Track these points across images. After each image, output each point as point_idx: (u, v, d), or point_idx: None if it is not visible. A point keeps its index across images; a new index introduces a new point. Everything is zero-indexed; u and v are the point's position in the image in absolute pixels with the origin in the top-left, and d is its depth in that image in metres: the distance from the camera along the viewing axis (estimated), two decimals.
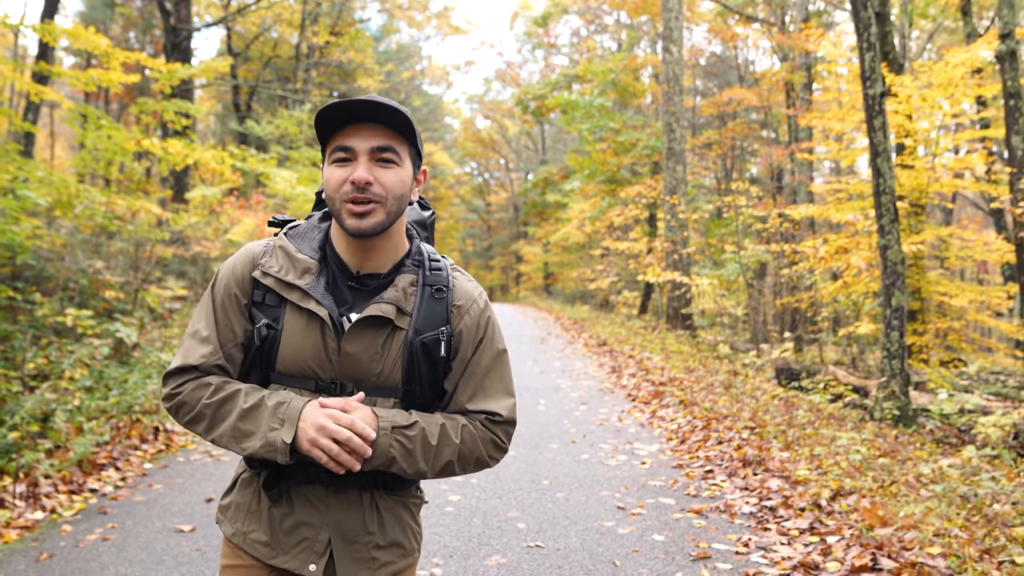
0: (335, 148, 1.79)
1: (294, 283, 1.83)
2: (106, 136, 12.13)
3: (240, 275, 1.89)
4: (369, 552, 1.87)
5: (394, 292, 1.85)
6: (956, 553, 4.53)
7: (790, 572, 4.38)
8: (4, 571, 4.30)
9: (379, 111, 1.76)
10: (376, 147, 1.78)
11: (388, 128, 1.80)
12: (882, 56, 17.51)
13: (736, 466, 6.57)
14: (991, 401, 11.56)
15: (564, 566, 4.46)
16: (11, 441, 5.93)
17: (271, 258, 1.88)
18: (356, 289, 1.87)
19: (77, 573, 4.30)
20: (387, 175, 1.79)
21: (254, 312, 1.86)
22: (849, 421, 9.75)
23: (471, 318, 1.93)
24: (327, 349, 1.81)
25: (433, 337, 1.86)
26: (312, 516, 1.84)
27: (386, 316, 1.81)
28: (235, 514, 1.91)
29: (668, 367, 12.02)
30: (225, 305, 1.88)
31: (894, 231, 10.77)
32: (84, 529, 4.99)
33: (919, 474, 6.96)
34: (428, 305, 1.88)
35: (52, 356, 8.42)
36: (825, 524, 5.08)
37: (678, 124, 19.60)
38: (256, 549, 1.86)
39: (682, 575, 4.32)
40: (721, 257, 20.86)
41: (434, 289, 1.90)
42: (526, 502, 5.68)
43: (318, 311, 1.80)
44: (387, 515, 1.90)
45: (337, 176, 1.78)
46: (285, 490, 1.85)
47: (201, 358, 1.84)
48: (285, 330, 1.82)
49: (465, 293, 1.95)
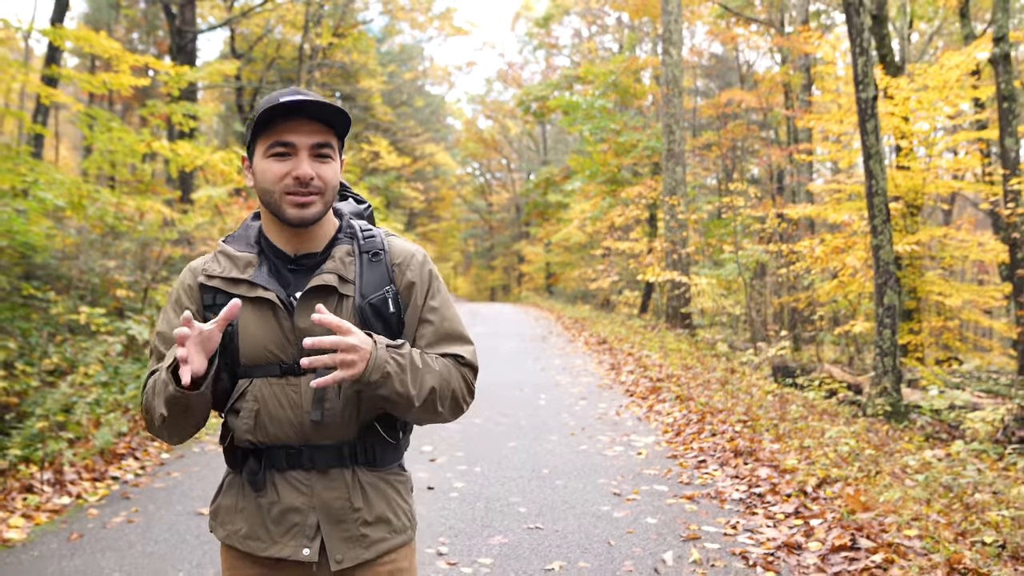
0: (274, 143, 1.86)
1: (239, 277, 1.92)
2: (116, 138, 12.41)
3: (187, 286, 1.99)
4: (358, 529, 1.91)
5: (332, 263, 1.94)
6: (932, 535, 4.81)
7: (774, 551, 4.67)
8: (39, 549, 4.60)
9: (317, 109, 1.85)
10: (316, 144, 1.87)
11: (323, 124, 1.89)
12: (879, 58, 17.82)
13: (728, 456, 6.86)
14: (982, 398, 11.83)
15: (562, 545, 4.76)
16: (36, 431, 6.23)
17: (213, 263, 1.98)
18: (296, 270, 1.96)
19: (107, 551, 4.60)
20: (325, 169, 1.89)
21: (207, 315, 1.94)
22: (842, 417, 10.02)
23: (412, 272, 2.01)
24: (283, 329, 1.89)
25: (380, 297, 1.94)
26: (298, 500, 1.89)
27: (329, 284, 1.90)
28: (224, 516, 1.97)
29: (666, 364, 12.31)
30: (176, 317, 1.96)
31: (886, 232, 11.03)
32: (109, 512, 5.30)
33: (905, 465, 7.24)
34: (368, 269, 1.97)
35: (67, 353, 8.71)
36: (810, 509, 5.37)
37: (678, 126, 19.87)
38: (248, 544, 1.92)
39: (672, 553, 4.61)
40: (720, 257, 21.15)
41: (371, 254, 1.99)
42: (527, 489, 5.98)
43: (266, 295, 1.89)
44: (371, 491, 1.95)
45: (277, 169, 1.86)
46: (269, 478, 1.90)
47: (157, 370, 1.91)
48: (241, 324, 1.90)
49: (402, 250, 2.04)
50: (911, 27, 25.84)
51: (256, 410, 1.88)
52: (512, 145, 53.90)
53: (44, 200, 8.86)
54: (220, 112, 37.69)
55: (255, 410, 1.88)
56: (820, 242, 16.52)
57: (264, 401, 1.88)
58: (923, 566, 4.26)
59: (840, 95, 19.78)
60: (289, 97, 1.82)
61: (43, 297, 9.59)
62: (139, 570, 4.34)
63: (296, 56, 31.45)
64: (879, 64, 17.77)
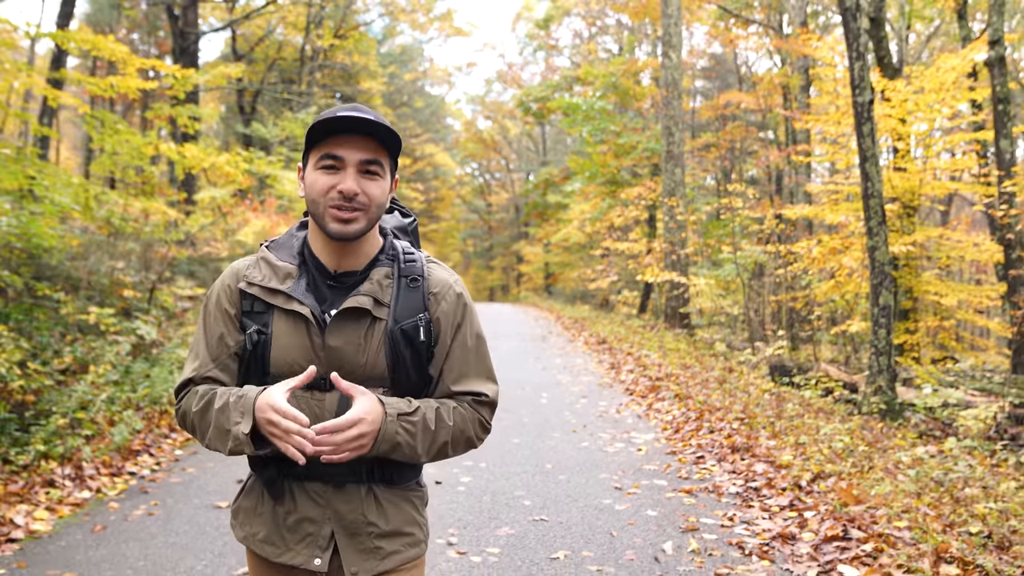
0: (324, 155, 1.89)
1: (277, 288, 1.94)
2: (124, 141, 12.58)
3: (229, 289, 2.01)
4: (372, 542, 1.95)
5: (370, 285, 1.95)
6: (921, 526, 5.01)
7: (769, 541, 4.87)
8: (65, 540, 4.80)
9: (370, 127, 1.87)
10: (364, 160, 1.89)
11: (375, 141, 1.91)
12: (877, 60, 18.00)
13: (725, 452, 7.07)
14: (975, 396, 12.03)
15: (566, 536, 4.97)
16: (53, 429, 6.43)
17: (255, 269, 2.00)
18: (335, 287, 1.97)
19: (130, 541, 4.80)
20: (372, 186, 1.90)
21: (245, 321, 1.97)
22: (837, 415, 10.21)
23: (448, 304, 2.02)
24: (313, 346, 1.91)
25: (412, 324, 1.95)
26: (314, 511, 1.93)
27: (363, 307, 1.92)
28: (244, 518, 2.03)
29: (665, 364, 12.51)
30: (216, 319, 2.00)
31: (882, 233, 11.22)
32: (129, 506, 5.50)
33: (898, 461, 7.44)
34: (405, 294, 1.98)
35: (78, 353, 8.89)
36: (804, 502, 5.57)
37: (677, 128, 20.08)
38: (263, 549, 1.96)
39: (672, 543, 4.82)
40: (719, 257, 21.35)
41: (409, 279, 2.00)
42: (531, 483, 6.19)
43: (301, 310, 1.91)
44: (388, 505, 1.98)
45: (324, 182, 1.89)
46: (288, 488, 1.95)
47: (193, 371, 1.99)
48: (274, 333, 1.93)
49: (440, 281, 2.05)
50: (909, 28, 26.04)
51: None
52: (511, 146, 54.09)
53: (61, 203, 9.03)
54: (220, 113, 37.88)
55: None
56: (818, 243, 16.71)
57: None
58: (911, 554, 4.47)
59: (838, 97, 19.94)
60: (345, 112, 1.86)
61: (54, 298, 9.79)
62: (163, 559, 4.54)
63: (297, 57, 31.62)
64: (876, 66, 17.98)
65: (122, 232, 12.34)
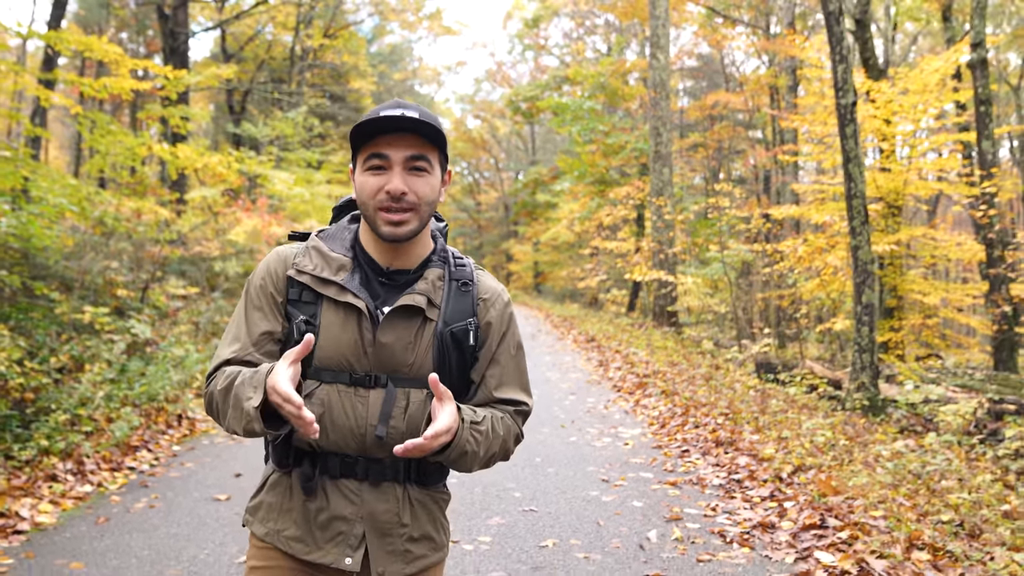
0: (370, 155, 1.87)
1: (331, 279, 1.91)
2: (117, 141, 12.70)
3: (275, 274, 1.97)
4: (403, 545, 1.93)
5: (424, 284, 1.94)
6: (896, 515, 5.22)
7: (750, 530, 5.07)
8: (70, 531, 4.97)
9: (412, 124, 1.84)
10: (410, 156, 1.87)
11: (420, 137, 1.88)
12: (862, 62, 18.25)
13: (710, 446, 7.28)
14: (957, 392, 12.27)
15: (555, 525, 5.16)
16: (54, 425, 6.58)
17: (305, 258, 1.96)
18: (387, 284, 1.95)
19: (133, 532, 4.97)
20: (420, 183, 1.88)
21: (290, 310, 1.94)
22: (821, 411, 10.42)
23: (496, 311, 2.03)
24: (363, 341, 1.88)
25: (462, 328, 1.95)
26: (347, 509, 1.90)
27: (418, 305, 1.90)
28: (267, 514, 1.97)
29: (652, 361, 12.71)
30: (261, 304, 1.96)
31: (865, 232, 11.43)
32: (131, 499, 5.66)
33: (878, 455, 7.66)
34: (456, 298, 1.98)
35: (75, 351, 9.03)
36: (784, 493, 5.77)
37: (664, 128, 20.29)
38: (291, 546, 1.92)
39: (656, 532, 5.02)
40: (706, 256, 21.59)
41: (460, 283, 2.00)
42: (521, 476, 6.38)
43: (356, 303, 1.88)
44: (419, 508, 1.96)
45: (372, 184, 1.87)
46: (320, 484, 1.91)
47: (232, 353, 1.94)
48: (323, 324, 1.89)
49: (490, 288, 2.06)
50: (895, 29, 26.29)
51: (321, 415, 1.87)
52: (501, 145, 54.28)
53: (58, 204, 9.17)
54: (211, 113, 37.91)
55: (320, 414, 1.87)
56: (804, 242, 16.93)
57: (330, 407, 1.88)
58: (885, 541, 4.67)
59: (824, 97, 20.14)
60: (387, 111, 1.85)
61: (50, 297, 9.92)
62: (166, 549, 4.71)
63: (287, 57, 31.69)
64: (862, 67, 18.22)
65: (115, 232, 12.45)
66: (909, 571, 4.27)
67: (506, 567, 4.47)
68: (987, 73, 16.56)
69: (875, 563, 4.36)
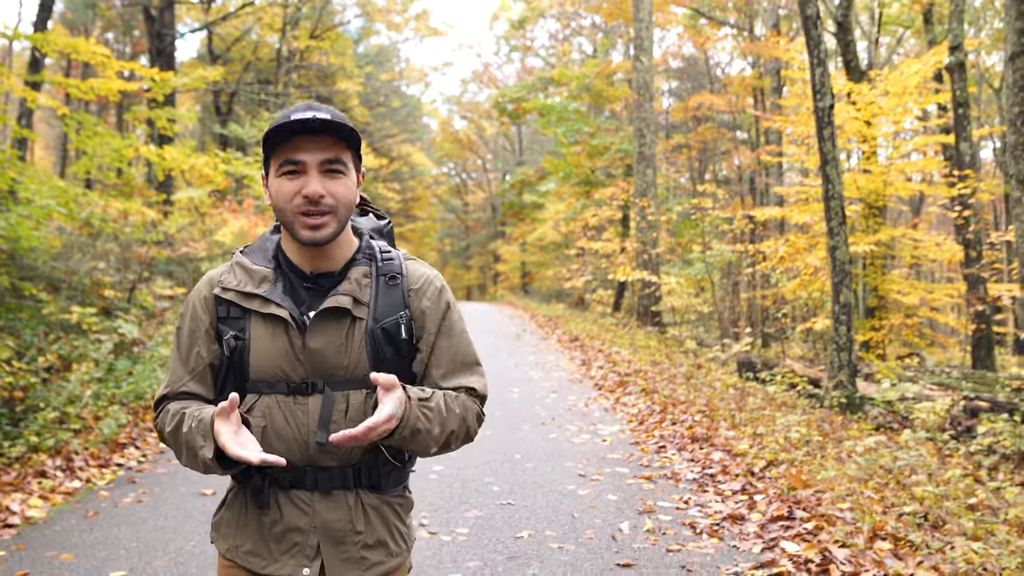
0: (284, 161, 1.85)
1: (253, 292, 1.92)
2: (104, 143, 12.80)
3: (204, 297, 1.98)
4: (358, 552, 1.93)
5: (348, 285, 1.93)
6: (862, 508, 5.40)
7: (720, 522, 5.25)
8: (60, 525, 5.11)
9: (325, 126, 1.83)
10: (325, 159, 1.85)
11: (334, 138, 1.86)
12: (844, 64, 18.49)
13: (686, 442, 7.46)
14: (934, 391, 12.49)
15: (531, 518, 5.33)
16: (43, 423, 6.71)
17: (230, 275, 1.97)
18: (312, 289, 1.95)
19: (122, 525, 5.11)
20: (336, 186, 1.86)
21: (221, 328, 1.94)
22: (799, 408, 10.62)
23: (429, 299, 2.01)
24: (294, 349, 1.88)
25: (393, 322, 1.94)
26: (301, 520, 1.90)
27: (343, 307, 1.89)
28: (227, 530, 1.99)
29: (635, 360, 12.89)
30: (192, 331, 1.97)
31: (842, 233, 11.63)
32: (119, 494, 5.81)
33: (851, 450, 7.85)
34: (384, 293, 1.96)
35: (63, 351, 9.15)
36: (755, 487, 5.95)
37: (648, 129, 20.49)
38: (249, 561, 1.93)
39: (629, 523, 5.19)
40: (690, 256, 21.80)
41: (388, 277, 1.98)
42: (499, 471, 6.54)
43: (279, 312, 1.88)
44: (374, 515, 1.96)
45: (288, 188, 1.85)
46: (273, 496, 1.91)
47: (167, 387, 1.98)
48: (253, 338, 1.90)
49: (420, 276, 2.04)
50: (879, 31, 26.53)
51: (263, 427, 1.87)
52: (488, 145, 54.42)
53: (47, 206, 9.28)
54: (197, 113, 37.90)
55: (262, 427, 1.87)
56: (785, 242, 17.14)
57: (272, 418, 1.88)
58: (849, 531, 4.85)
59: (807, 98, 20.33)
60: (298, 115, 1.82)
61: (37, 297, 10.02)
62: (154, 541, 4.85)
63: (273, 57, 31.74)
64: (844, 69, 18.45)
65: (102, 233, 12.54)
66: (870, 559, 4.44)
67: (482, 557, 4.64)
68: (965, 76, 16.81)
69: (838, 552, 4.54)
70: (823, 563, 4.45)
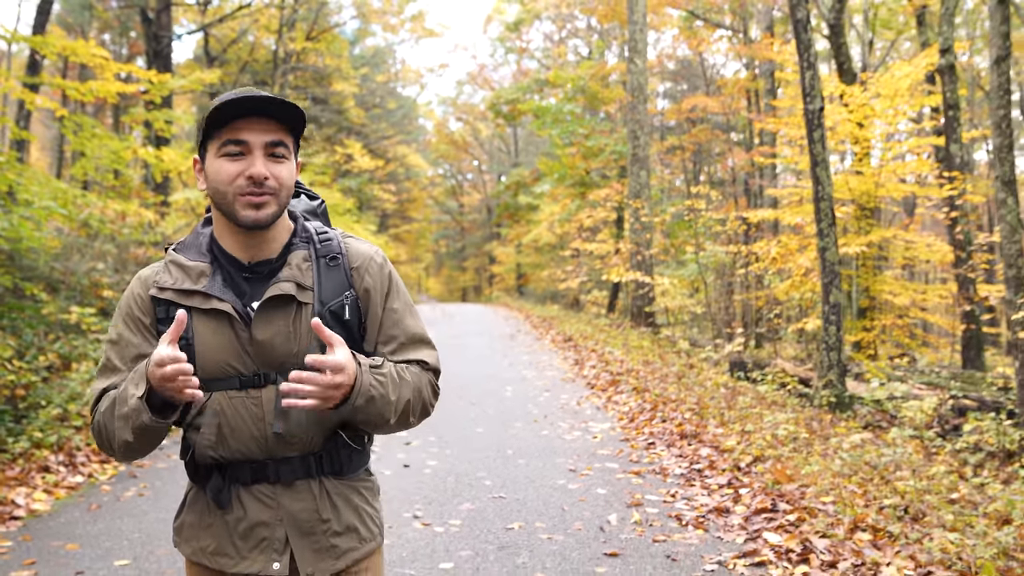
0: (227, 141, 1.80)
1: (192, 288, 1.85)
2: (103, 144, 12.94)
3: (139, 298, 1.91)
4: (328, 540, 1.90)
5: (289, 271, 1.88)
6: (845, 501, 5.56)
7: (705, 514, 5.41)
8: (64, 517, 5.26)
9: (272, 106, 1.80)
10: (270, 142, 1.82)
11: (278, 123, 1.83)
12: (837, 66, 18.67)
13: (675, 439, 7.62)
14: (922, 390, 12.68)
15: (522, 511, 5.48)
16: (46, 420, 6.86)
17: (164, 274, 1.90)
18: (251, 278, 1.90)
19: (124, 517, 5.26)
20: (280, 169, 1.83)
21: (161, 329, 1.88)
22: (789, 407, 10.79)
23: (372, 276, 1.97)
24: (240, 342, 1.84)
25: (339, 303, 1.90)
26: (265, 514, 1.87)
27: (287, 293, 1.85)
28: (190, 533, 1.94)
29: (627, 360, 13.05)
30: (130, 331, 1.91)
31: (832, 234, 11.79)
32: (121, 488, 5.96)
33: (837, 447, 8.02)
34: (326, 275, 1.92)
35: (63, 350, 9.28)
36: (741, 481, 6.11)
37: (642, 131, 20.65)
38: (217, 561, 1.89)
39: (616, 515, 5.35)
40: (684, 257, 21.97)
41: (328, 258, 1.94)
42: (492, 466, 6.70)
43: (221, 307, 1.83)
44: (340, 500, 1.93)
45: (229, 169, 1.80)
46: (235, 494, 1.87)
47: (108, 384, 1.89)
48: (197, 336, 1.83)
49: (361, 253, 1.99)
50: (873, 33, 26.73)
51: (217, 424, 1.83)
52: (483, 147, 54.57)
53: (49, 207, 9.41)
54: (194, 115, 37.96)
55: (216, 424, 1.83)
56: (777, 243, 17.31)
57: (225, 415, 1.83)
58: (831, 523, 5.01)
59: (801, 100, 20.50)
60: (246, 93, 1.78)
61: (37, 298, 10.15)
62: (156, 532, 5.01)
63: (270, 59, 31.83)
64: (837, 72, 18.64)
65: (100, 234, 12.67)
66: (849, 549, 4.60)
67: (474, 547, 4.80)
68: (955, 78, 17.02)
69: (818, 542, 4.70)
70: (803, 552, 4.61)
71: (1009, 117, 9.98)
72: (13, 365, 7.67)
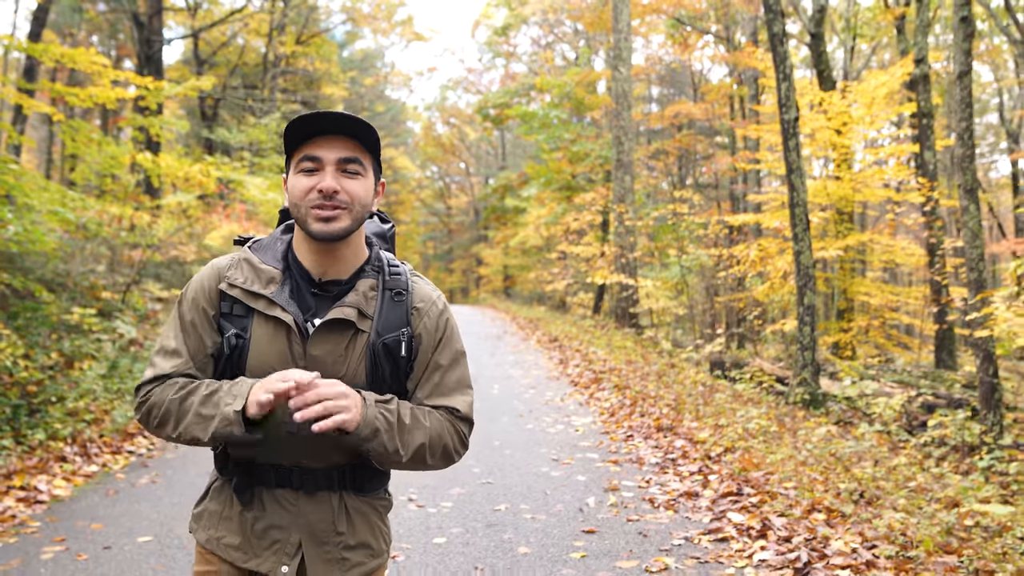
0: (303, 158, 1.87)
1: (259, 292, 1.90)
2: (100, 150, 13.32)
3: (207, 289, 1.96)
4: (339, 553, 1.95)
5: (355, 296, 1.92)
6: (805, 487, 6.05)
7: (676, 498, 5.89)
8: (85, 502, 5.70)
9: (347, 124, 1.85)
10: (343, 158, 1.86)
11: (354, 140, 1.88)
12: (817, 74, 19.19)
13: (652, 432, 8.11)
14: (893, 388, 13.20)
15: (508, 494, 5.96)
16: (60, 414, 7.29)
17: (236, 270, 1.95)
18: (319, 295, 1.94)
19: (141, 502, 5.70)
20: (353, 184, 1.87)
21: (223, 323, 1.93)
22: (764, 404, 11.28)
23: (430, 319, 2.00)
24: (293, 354, 1.88)
25: (394, 338, 1.93)
26: (283, 519, 1.92)
27: (348, 319, 1.89)
28: (208, 521, 2.00)
29: (610, 359, 13.53)
30: (194, 319, 1.95)
31: (806, 239, 12.27)
32: (134, 477, 6.40)
33: (806, 439, 8.51)
34: (389, 308, 1.96)
35: (66, 350, 9.68)
36: (711, 469, 6.60)
37: (626, 137, 21.13)
38: (229, 553, 1.94)
39: (594, 499, 5.83)
40: (667, 260, 22.47)
41: (394, 292, 1.97)
42: (480, 456, 7.18)
43: (283, 317, 1.88)
44: (356, 516, 1.98)
45: (303, 184, 1.86)
46: (257, 494, 1.93)
47: (172, 368, 1.92)
48: (253, 338, 1.89)
49: (424, 296, 2.03)
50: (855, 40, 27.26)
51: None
52: (471, 150, 54.94)
53: (58, 212, 9.80)
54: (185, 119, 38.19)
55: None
56: (757, 247, 17.80)
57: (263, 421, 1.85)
58: (789, 504, 5.49)
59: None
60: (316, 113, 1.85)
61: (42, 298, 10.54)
62: (171, 513, 5.46)
63: (259, 62, 32.08)
64: (816, 79, 19.15)
65: (97, 236, 13.02)
66: (804, 527, 5.08)
67: (464, 525, 5.27)
68: (929, 88, 17.57)
69: (776, 520, 5.19)
70: (763, 529, 5.09)
71: (971, 129, 10.48)
72: (23, 363, 8.08)
